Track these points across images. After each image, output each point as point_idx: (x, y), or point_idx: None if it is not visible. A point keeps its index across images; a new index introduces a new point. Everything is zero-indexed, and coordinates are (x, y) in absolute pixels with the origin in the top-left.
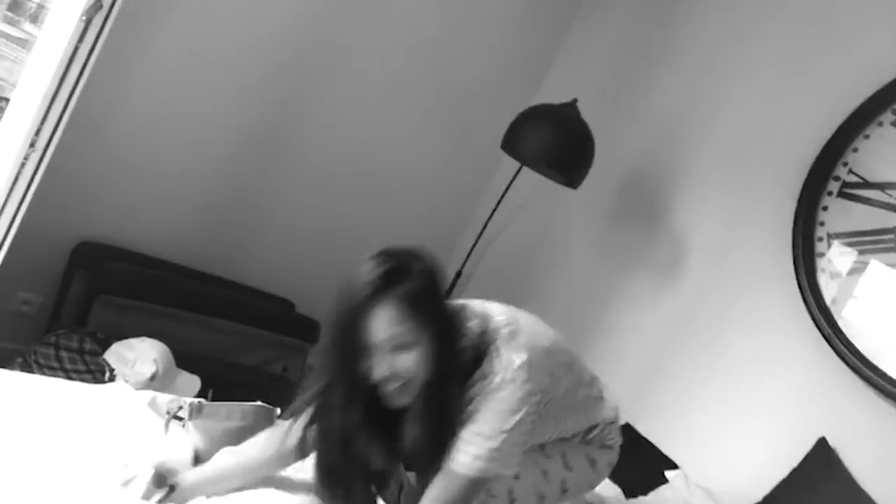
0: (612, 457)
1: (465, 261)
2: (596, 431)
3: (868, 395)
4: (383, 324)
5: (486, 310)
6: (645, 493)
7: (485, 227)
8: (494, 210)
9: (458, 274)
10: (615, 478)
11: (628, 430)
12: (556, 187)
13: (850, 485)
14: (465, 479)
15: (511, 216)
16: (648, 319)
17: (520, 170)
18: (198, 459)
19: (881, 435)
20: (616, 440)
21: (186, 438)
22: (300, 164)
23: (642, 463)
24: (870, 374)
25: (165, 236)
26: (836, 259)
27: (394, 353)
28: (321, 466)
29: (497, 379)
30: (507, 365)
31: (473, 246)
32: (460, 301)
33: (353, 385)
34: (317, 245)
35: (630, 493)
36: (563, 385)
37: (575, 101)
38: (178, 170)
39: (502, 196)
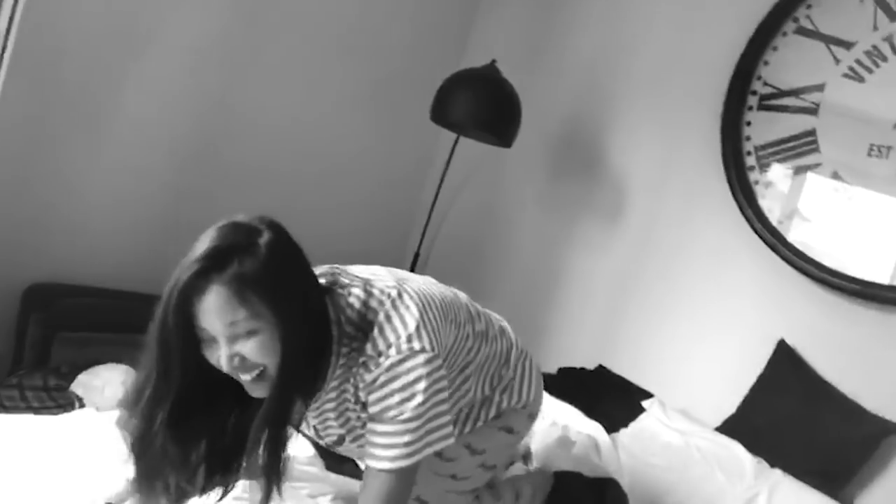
0: (528, 414)
1: (421, 241)
2: (503, 404)
3: (817, 293)
4: (214, 311)
5: (369, 275)
6: (626, 425)
7: (433, 203)
8: (440, 185)
9: (416, 255)
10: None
11: (600, 371)
12: (495, 152)
13: (813, 378)
14: (393, 476)
15: (459, 189)
16: (602, 262)
17: (457, 140)
18: None
19: (835, 328)
20: (527, 399)
21: None
22: (236, 171)
23: (618, 399)
24: (816, 272)
25: (115, 267)
26: (767, 170)
27: (233, 341)
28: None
29: (392, 355)
30: (399, 335)
31: (426, 224)
32: (337, 267)
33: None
34: None
35: (612, 428)
36: (465, 332)
37: (494, 61)
38: (116, 199)
39: (445, 170)
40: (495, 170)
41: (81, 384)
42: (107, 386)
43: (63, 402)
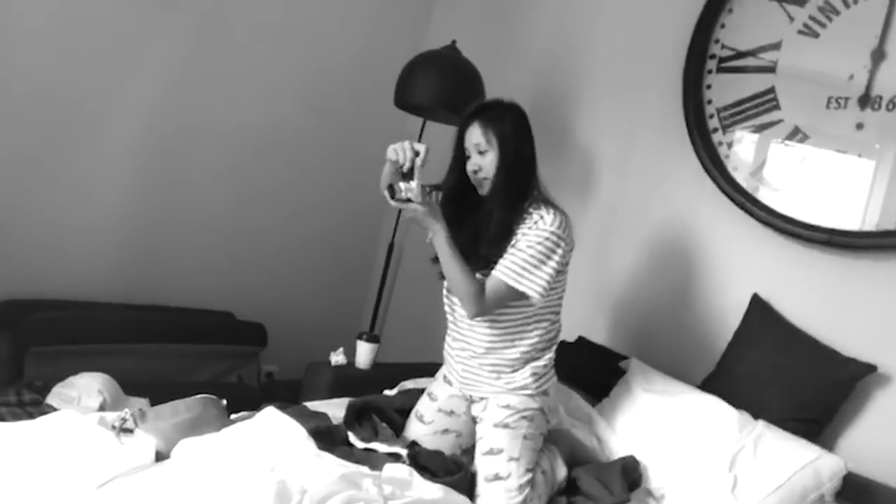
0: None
1: (394, 232)
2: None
3: (786, 245)
4: (473, 133)
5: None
6: (607, 392)
7: None
8: None
9: (391, 246)
10: (582, 387)
11: (580, 342)
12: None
13: (788, 329)
14: (501, 283)
15: (430, 176)
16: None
17: (423, 125)
18: (159, 457)
19: (805, 278)
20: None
21: (141, 443)
22: (203, 176)
23: (599, 365)
24: (784, 225)
25: (85, 280)
26: (730, 130)
27: (479, 156)
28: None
29: (541, 222)
30: (551, 219)
31: (398, 215)
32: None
33: (461, 173)
34: (241, 251)
35: (596, 396)
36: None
37: (454, 42)
38: (83, 212)
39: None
40: None
41: (57, 395)
42: (83, 395)
43: (39, 415)
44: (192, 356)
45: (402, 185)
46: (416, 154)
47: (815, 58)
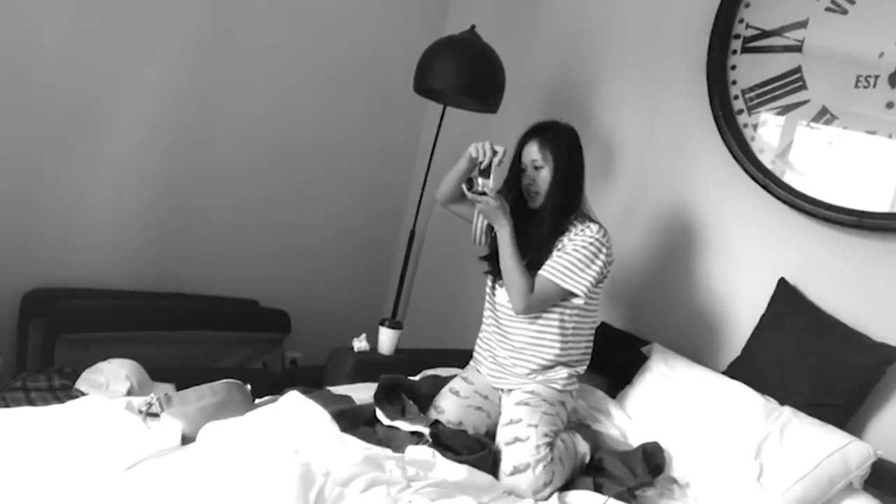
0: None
1: (416, 219)
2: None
3: (814, 228)
4: (530, 150)
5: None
6: (630, 378)
7: (425, 179)
8: (430, 160)
9: (412, 233)
10: (604, 372)
11: (603, 328)
12: (483, 120)
13: (816, 313)
14: (549, 282)
15: (451, 162)
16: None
17: (444, 111)
18: (185, 440)
19: (834, 261)
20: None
21: (168, 427)
22: (226, 164)
23: (622, 352)
24: (811, 208)
25: (113, 268)
26: (755, 112)
27: (534, 171)
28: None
29: (587, 230)
30: (595, 228)
31: (419, 201)
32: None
33: (515, 185)
34: (265, 240)
35: (618, 382)
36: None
37: (473, 27)
38: (109, 201)
39: (434, 143)
40: (484, 138)
41: (85, 381)
42: (111, 380)
43: (68, 400)
44: (217, 343)
45: (480, 179)
46: (495, 153)
47: (844, 35)
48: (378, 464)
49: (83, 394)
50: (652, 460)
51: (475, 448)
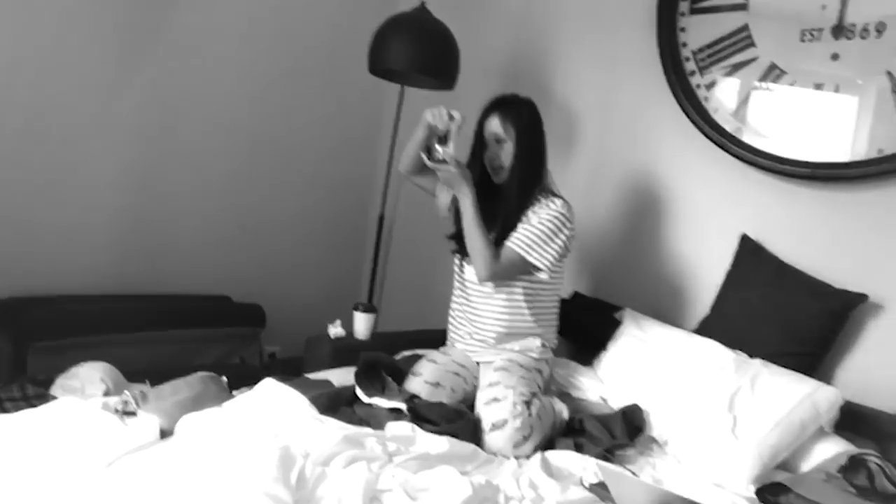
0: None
1: (383, 203)
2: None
3: (771, 183)
4: (492, 124)
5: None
6: (604, 344)
7: (389, 163)
8: (393, 143)
9: (381, 217)
10: (578, 340)
11: (576, 297)
12: (441, 98)
13: (779, 266)
14: (513, 252)
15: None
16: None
17: (402, 92)
18: (164, 434)
19: (792, 213)
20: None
21: (145, 423)
22: (187, 165)
23: (596, 318)
24: (767, 163)
25: (82, 274)
26: (707, 72)
27: (497, 145)
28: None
29: (551, 204)
30: (560, 203)
31: (386, 185)
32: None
33: (479, 161)
34: (232, 233)
35: (594, 349)
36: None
37: (423, 3)
38: (73, 206)
39: (395, 126)
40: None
41: (60, 387)
42: (86, 384)
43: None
44: (192, 341)
45: (439, 147)
46: (452, 119)
47: None
48: (358, 442)
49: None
50: (632, 422)
51: (453, 418)
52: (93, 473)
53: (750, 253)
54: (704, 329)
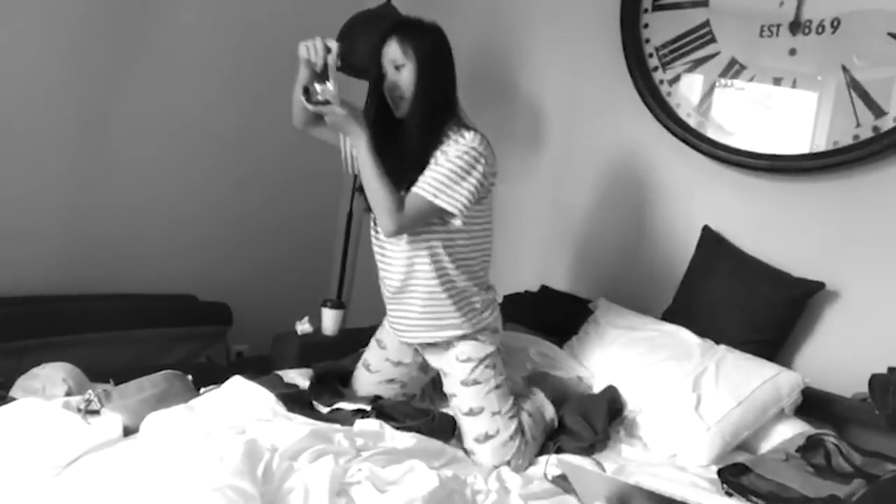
0: (493, 329)
1: (352, 199)
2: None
3: (731, 175)
4: (390, 48)
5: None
6: (577, 332)
7: None
8: None
9: (350, 214)
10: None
11: (544, 291)
12: None
13: (739, 256)
14: (419, 198)
15: None
16: (528, 187)
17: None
18: (128, 433)
19: (751, 205)
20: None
21: (108, 421)
22: (147, 162)
23: (565, 310)
24: (726, 155)
25: (42, 275)
26: (670, 68)
27: (395, 72)
28: None
29: (461, 139)
30: (471, 136)
31: (354, 182)
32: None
33: (378, 89)
34: (197, 230)
35: (565, 337)
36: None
37: (389, 0)
38: (29, 209)
39: None
40: None
41: (20, 388)
42: (47, 385)
43: None
44: (156, 341)
45: (317, 86)
46: (329, 51)
47: None
48: (326, 437)
49: None
50: (613, 405)
51: (417, 417)
52: (49, 474)
53: (711, 243)
54: (669, 317)
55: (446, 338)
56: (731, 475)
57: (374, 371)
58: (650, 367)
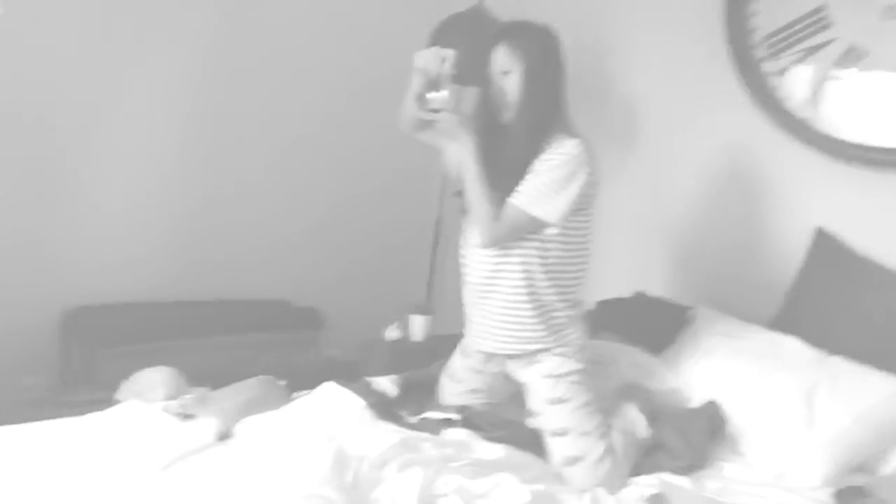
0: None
1: (441, 205)
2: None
3: (846, 171)
4: (498, 56)
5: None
6: (674, 341)
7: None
8: None
9: (438, 219)
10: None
11: (639, 297)
12: None
13: (855, 260)
14: (515, 209)
15: None
16: (624, 188)
17: (459, 93)
18: (223, 437)
19: (868, 203)
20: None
21: (203, 425)
22: (245, 167)
23: (661, 319)
24: (841, 150)
25: (144, 281)
26: (779, 57)
27: (502, 77)
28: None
29: (562, 147)
30: (573, 144)
31: (442, 187)
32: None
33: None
34: (290, 237)
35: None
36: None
37: (481, 1)
38: (137, 217)
39: None
40: None
41: (125, 391)
42: (148, 388)
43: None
44: (251, 346)
45: (430, 94)
46: (444, 60)
47: None
48: (414, 446)
49: None
50: (714, 422)
51: (506, 427)
52: (147, 477)
53: (825, 246)
54: (777, 326)
55: (525, 350)
56: (848, 500)
57: (458, 381)
58: (756, 379)
